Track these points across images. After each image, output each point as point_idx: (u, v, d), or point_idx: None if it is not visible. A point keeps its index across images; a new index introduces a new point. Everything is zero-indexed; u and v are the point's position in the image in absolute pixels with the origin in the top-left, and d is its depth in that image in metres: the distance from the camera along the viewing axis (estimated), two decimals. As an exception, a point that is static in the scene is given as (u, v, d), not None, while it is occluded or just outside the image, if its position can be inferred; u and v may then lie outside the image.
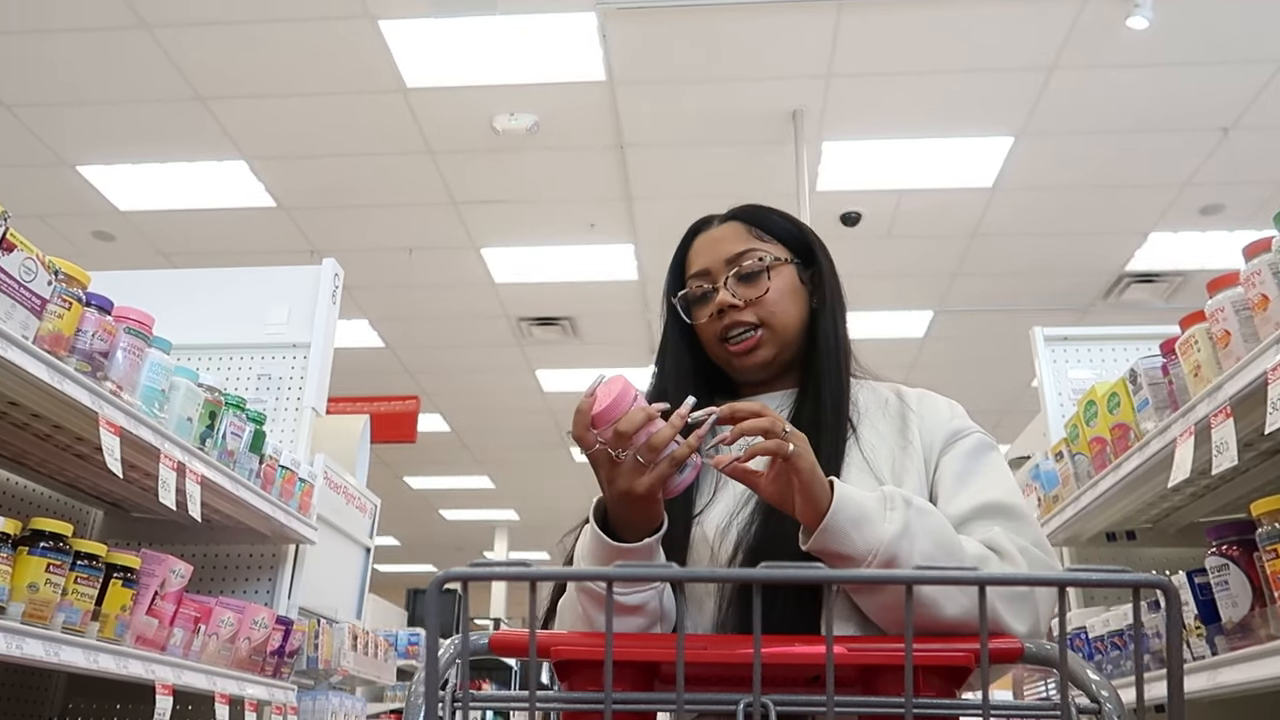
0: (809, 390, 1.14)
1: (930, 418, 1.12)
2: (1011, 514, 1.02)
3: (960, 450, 1.08)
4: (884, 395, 1.17)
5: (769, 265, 1.15)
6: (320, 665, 2.52)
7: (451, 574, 0.65)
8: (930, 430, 1.10)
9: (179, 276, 3.61)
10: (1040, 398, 2.56)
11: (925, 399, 1.16)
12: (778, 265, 1.16)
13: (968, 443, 1.09)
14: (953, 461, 1.07)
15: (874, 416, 1.13)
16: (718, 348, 1.16)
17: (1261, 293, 1.29)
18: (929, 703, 0.78)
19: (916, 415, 1.12)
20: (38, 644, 1.36)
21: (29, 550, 1.39)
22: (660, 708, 0.80)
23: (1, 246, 1.28)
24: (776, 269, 1.16)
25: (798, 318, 1.16)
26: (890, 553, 0.91)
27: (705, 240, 1.20)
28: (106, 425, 1.46)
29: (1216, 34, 4.15)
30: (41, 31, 4.25)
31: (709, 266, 1.17)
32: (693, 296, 1.17)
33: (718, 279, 1.16)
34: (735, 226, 1.20)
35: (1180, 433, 1.50)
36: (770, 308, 1.14)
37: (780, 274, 1.16)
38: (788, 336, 1.15)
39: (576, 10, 4.13)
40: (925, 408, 1.14)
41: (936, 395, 1.17)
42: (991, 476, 1.06)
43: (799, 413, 1.13)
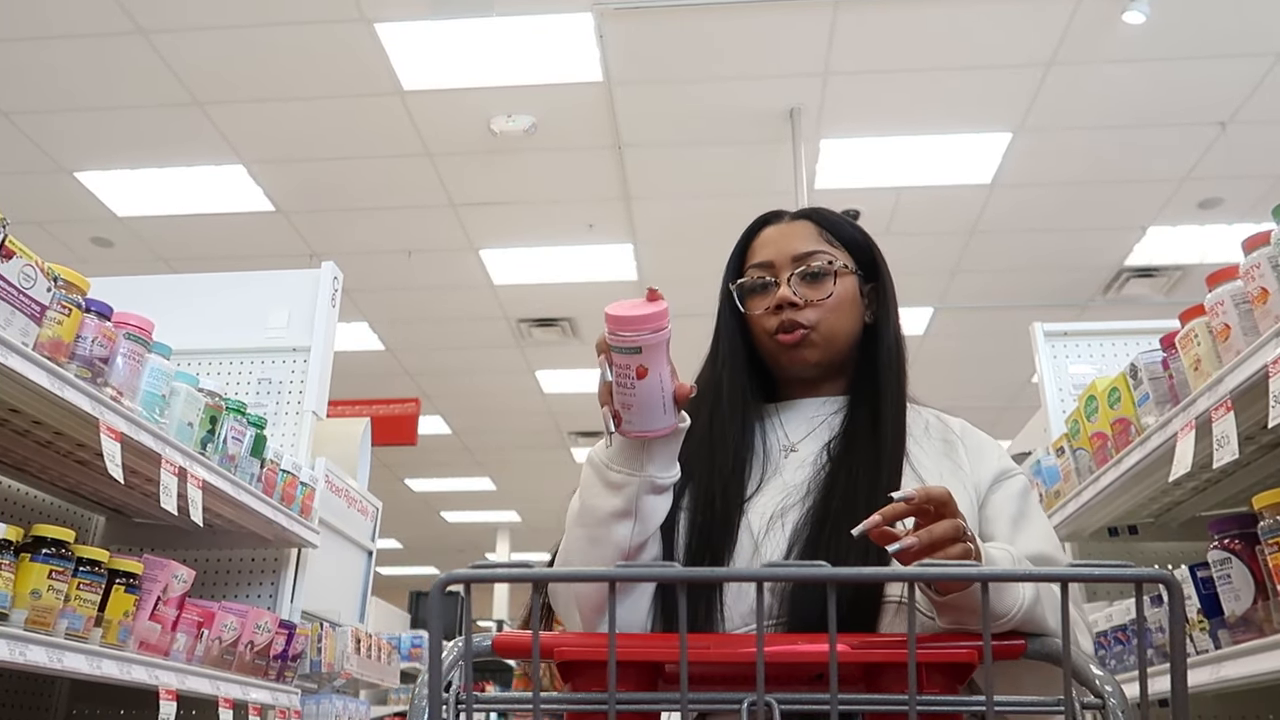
0: (864, 402, 1.13)
1: (977, 451, 1.13)
2: (1055, 561, 1.04)
3: (1011, 491, 1.09)
4: (924, 418, 1.17)
5: (836, 270, 1.14)
6: (323, 669, 2.52)
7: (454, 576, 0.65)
8: (979, 463, 1.11)
9: (178, 281, 3.61)
10: (1041, 393, 2.56)
11: (969, 431, 1.16)
12: (844, 273, 1.15)
13: (1016, 485, 1.10)
14: (1007, 503, 1.08)
15: (918, 436, 1.13)
16: (768, 340, 1.15)
17: (1261, 286, 1.29)
18: (933, 700, 0.78)
19: (963, 444, 1.13)
20: (41, 650, 1.36)
21: (31, 557, 1.39)
22: (664, 707, 0.80)
23: (0, 253, 1.28)
24: (842, 275, 1.15)
25: (851, 328, 1.15)
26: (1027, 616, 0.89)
27: (773, 233, 1.19)
28: (107, 431, 1.46)
29: (1213, 28, 4.14)
30: (38, 38, 4.25)
31: (774, 259, 1.16)
32: (750, 286, 1.16)
33: (780, 273, 1.15)
34: (807, 225, 1.18)
35: (1181, 427, 1.50)
36: (828, 313, 1.13)
37: (844, 281, 1.15)
38: (837, 344, 1.15)
39: (573, 11, 4.13)
40: (971, 440, 1.15)
41: (977, 429, 1.18)
42: (1040, 525, 1.08)
43: (852, 422, 1.12)
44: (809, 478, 1.08)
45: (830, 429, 1.13)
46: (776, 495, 1.08)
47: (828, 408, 1.16)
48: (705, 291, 1.28)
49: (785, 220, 1.20)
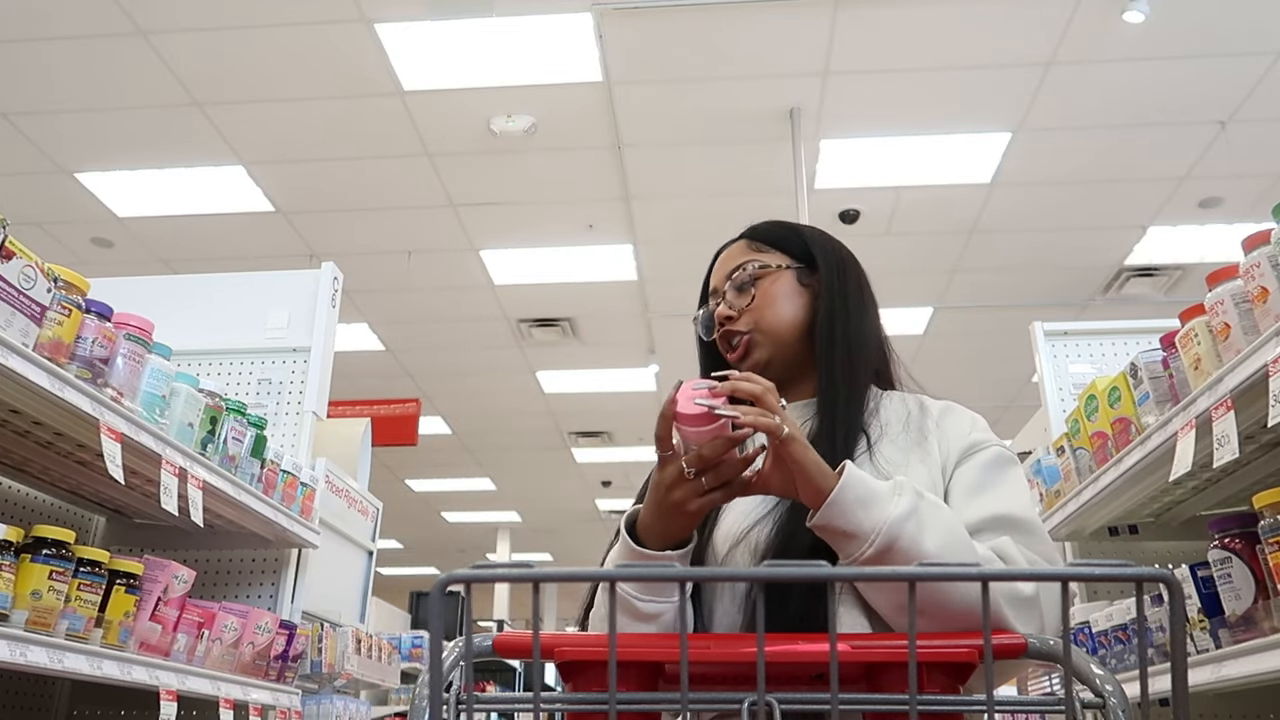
0: (826, 407, 1.12)
1: (951, 430, 1.11)
2: (1023, 528, 1.01)
3: (977, 462, 1.07)
4: (907, 408, 1.15)
5: (756, 274, 1.18)
6: (324, 669, 2.52)
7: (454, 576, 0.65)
8: (949, 442, 1.10)
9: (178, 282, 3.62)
10: (1041, 393, 2.56)
11: (949, 412, 1.15)
12: (769, 272, 1.18)
13: (986, 455, 1.08)
14: (968, 472, 1.07)
15: (895, 432, 1.11)
16: (727, 355, 1.19)
17: (1261, 285, 1.29)
18: (933, 699, 0.78)
19: (937, 429, 1.11)
20: (41, 651, 1.36)
21: (32, 558, 1.39)
22: (665, 707, 0.80)
23: (1, 254, 1.28)
24: (768, 276, 1.18)
25: (792, 320, 1.17)
26: (894, 533, 0.91)
27: (718, 261, 1.25)
28: (108, 432, 1.46)
29: (1213, 27, 4.14)
30: (38, 40, 4.25)
31: (716, 285, 1.22)
32: (705, 316, 1.23)
33: (720, 295, 1.21)
34: (740, 243, 1.24)
35: (1181, 426, 1.50)
36: (758, 313, 1.17)
37: (773, 279, 1.18)
38: (782, 339, 1.16)
39: (573, 11, 4.13)
40: (947, 421, 1.13)
41: (962, 409, 1.16)
42: (1007, 489, 1.05)
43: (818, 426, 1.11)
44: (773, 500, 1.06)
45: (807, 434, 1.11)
46: (741, 516, 1.08)
47: (804, 412, 1.15)
48: (705, 291, 1.30)
49: (728, 246, 1.26)
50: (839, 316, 1.16)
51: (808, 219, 4.76)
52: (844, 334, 1.15)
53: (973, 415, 1.15)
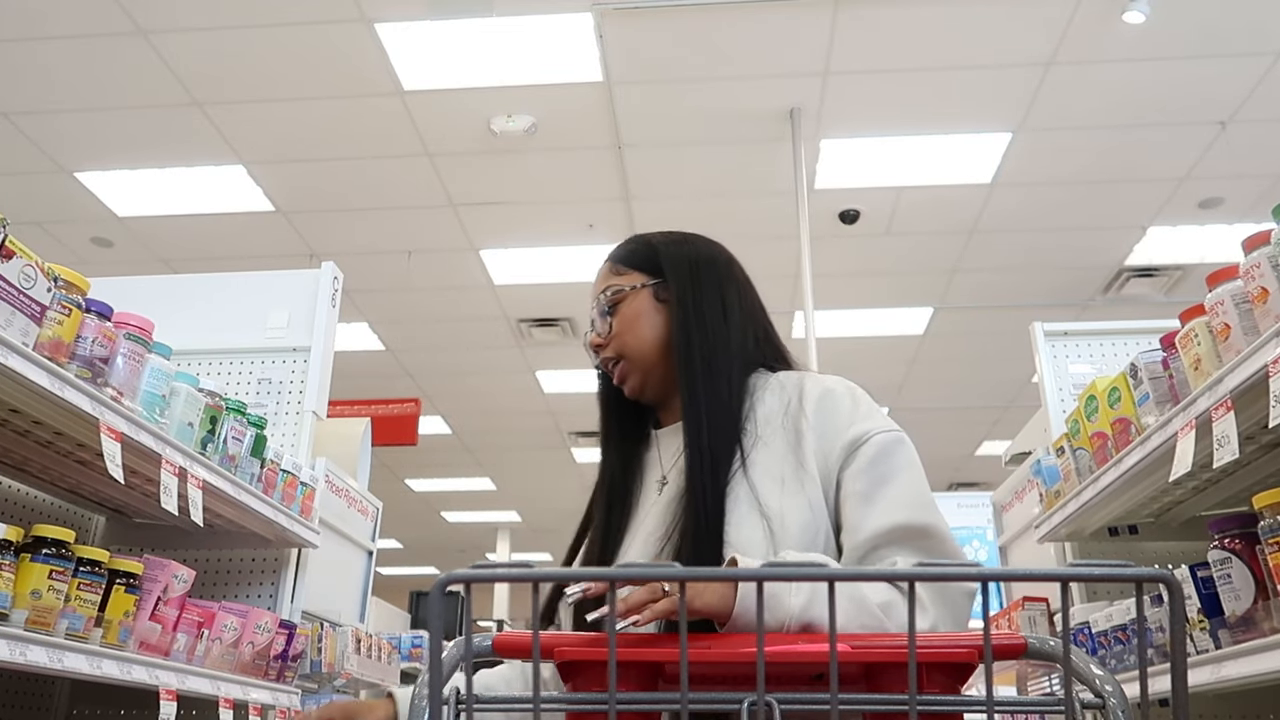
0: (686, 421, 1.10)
1: (827, 430, 1.05)
2: (919, 535, 0.99)
3: (861, 463, 1.03)
4: (789, 393, 1.11)
5: (613, 298, 1.18)
6: (324, 669, 2.52)
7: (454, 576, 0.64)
8: (827, 444, 1.05)
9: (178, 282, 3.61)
10: (1041, 393, 2.56)
11: (823, 401, 1.08)
12: (625, 295, 1.18)
13: (869, 450, 1.03)
14: (855, 479, 1.02)
15: (771, 434, 1.08)
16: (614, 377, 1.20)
17: (1261, 285, 1.29)
18: (933, 699, 0.77)
19: (813, 428, 1.06)
20: (41, 651, 1.36)
21: (31, 557, 1.39)
22: (664, 707, 0.80)
23: (1, 253, 1.28)
24: (624, 299, 1.18)
25: (654, 341, 1.16)
26: (805, 620, 0.91)
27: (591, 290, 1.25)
28: (108, 431, 1.46)
29: (1213, 27, 4.14)
30: (38, 39, 4.25)
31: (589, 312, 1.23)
32: (586, 344, 1.24)
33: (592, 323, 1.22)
34: (604, 267, 1.23)
35: (1181, 426, 1.50)
36: (621, 340, 1.17)
37: (629, 301, 1.18)
38: (648, 361, 1.16)
39: (573, 11, 4.13)
40: (821, 415, 1.07)
41: (837, 390, 1.10)
42: (896, 489, 1.01)
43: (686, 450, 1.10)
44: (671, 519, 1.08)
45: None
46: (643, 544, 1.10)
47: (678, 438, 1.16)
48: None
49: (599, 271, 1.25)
50: (695, 329, 1.13)
51: (808, 219, 4.76)
52: (701, 346, 1.12)
53: (851, 396, 1.09)
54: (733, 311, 1.16)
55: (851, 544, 1.00)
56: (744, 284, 1.20)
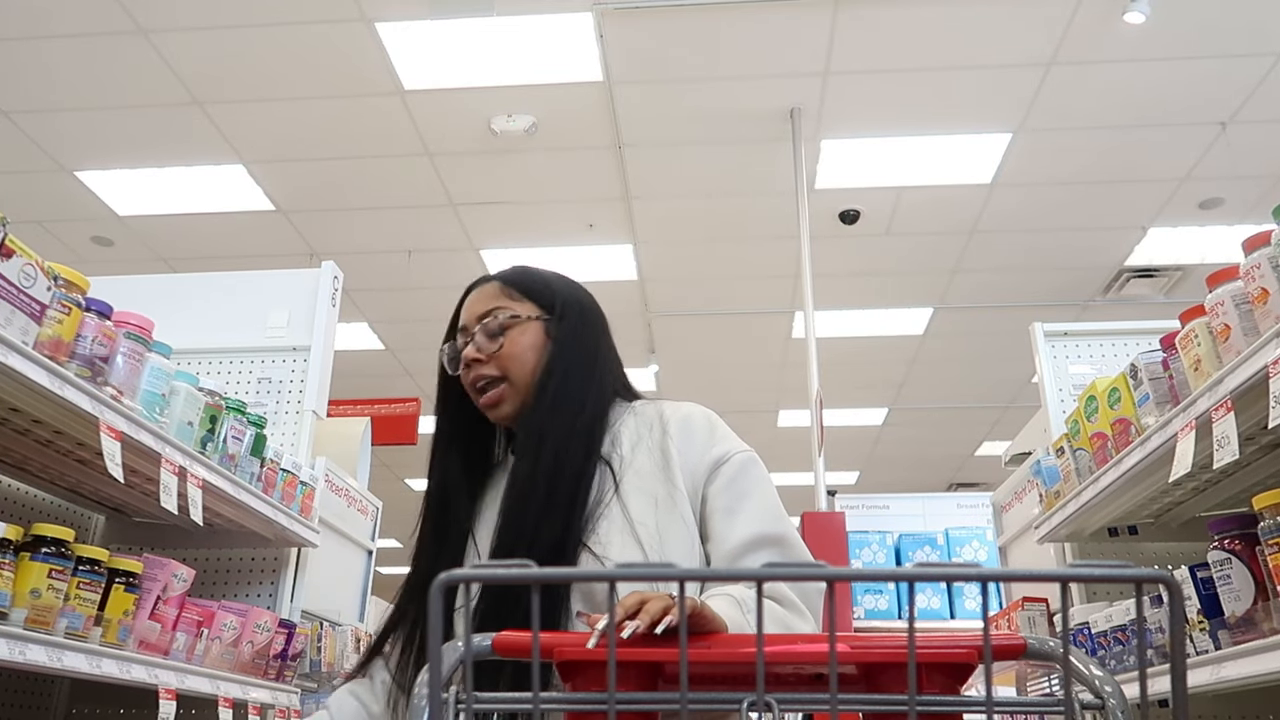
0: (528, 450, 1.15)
1: (692, 450, 1.15)
2: (779, 542, 1.10)
3: (723, 480, 1.13)
4: (649, 419, 1.20)
5: (506, 322, 1.21)
6: (323, 668, 2.51)
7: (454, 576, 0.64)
8: (693, 464, 1.14)
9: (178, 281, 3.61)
10: (1041, 393, 2.56)
11: (686, 425, 1.18)
12: (519, 322, 1.21)
13: (729, 469, 1.14)
14: (719, 496, 1.12)
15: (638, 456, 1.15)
16: (474, 397, 1.22)
17: (1261, 286, 1.29)
18: (932, 699, 0.77)
19: (678, 450, 1.15)
20: (40, 650, 1.36)
21: (31, 556, 1.39)
22: (664, 707, 0.79)
23: (1, 252, 1.27)
24: (518, 325, 1.21)
25: (537, 370, 1.20)
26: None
27: (470, 298, 1.26)
28: (107, 430, 1.46)
29: (1214, 28, 4.14)
30: (39, 38, 4.25)
31: (466, 323, 1.24)
32: (449, 354, 1.24)
33: (469, 334, 1.22)
34: (493, 286, 1.25)
35: (1181, 427, 1.50)
36: (505, 361, 1.19)
37: (523, 330, 1.21)
38: (530, 389, 1.19)
39: (573, 11, 4.13)
40: (685, 438, 1.16)
41: (695, 415, 1.20)
42: (755, 502, 1.12)
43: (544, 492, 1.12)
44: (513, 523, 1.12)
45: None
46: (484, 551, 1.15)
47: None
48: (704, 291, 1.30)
49: (480, 285, 1.28)
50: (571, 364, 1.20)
51: (808, 219, 4.76)
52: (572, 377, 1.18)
53: (708, 420, 1.19)
54: (605, 354, 1.25)
55: (720, 553, 1.10)
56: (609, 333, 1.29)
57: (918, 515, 4.89)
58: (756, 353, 7.20)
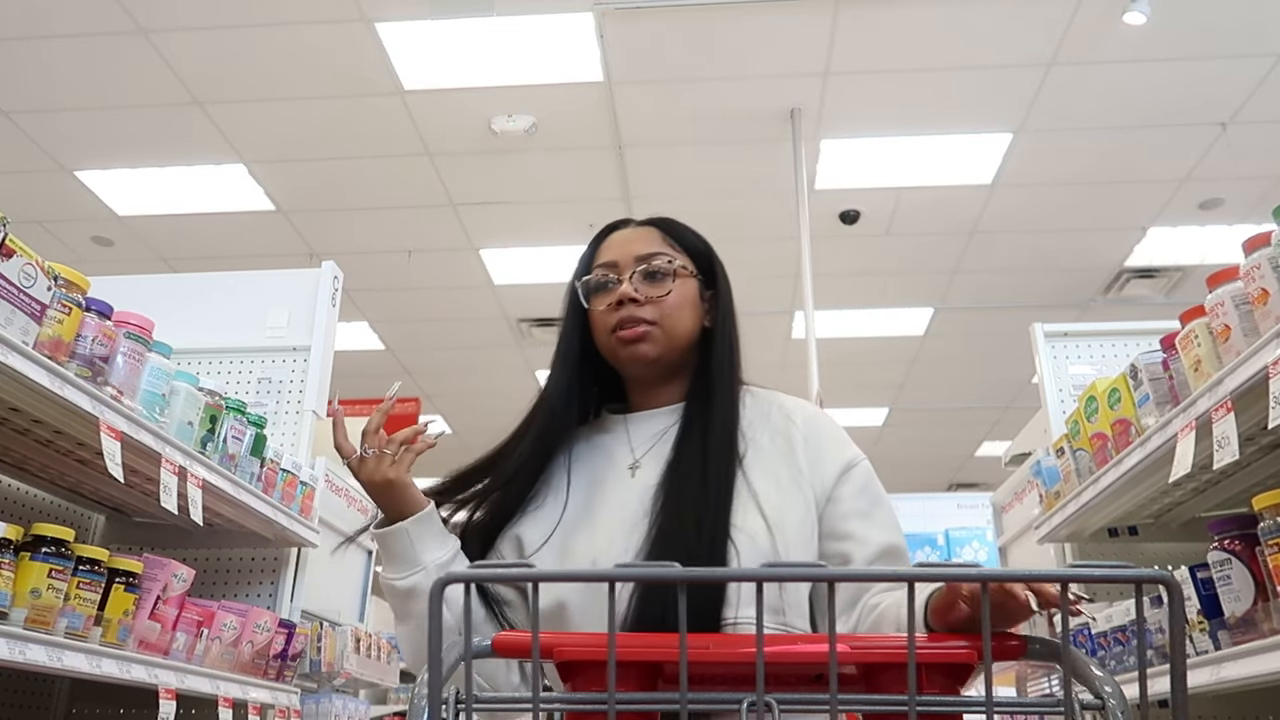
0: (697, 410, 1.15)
1: (821, 445, 1.15)
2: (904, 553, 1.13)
3: (857, 484, 1.14)
4: (766, 407, 1.19)
5: (675, 270, 1.18)
6: (323, 668, 2.52)
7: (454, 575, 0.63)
8: (821, 459, 1.14)
9: (179, 281, 3.62)
10: (1041, 394, 2.56)
11: (816, 422, 1.18)
12: (683, 274, 1.19)
13: (861, 474, 1.15)
14: (855, 499, 1.13)
15: (759, 435, 1.15)
16: (607, 338, 1.17)
17: (1261, 287, 1.29)
18: (932, 700, 0.77)
19: (804, 439, 1.15)
20: (40, 649, 1.36)
21: (31, 556, 1.39)
22: (664, 707, 0.79)
23: (1, 252, 1.28)
24: (681, 276, 1.19)
25: (690, 329, 1.19)
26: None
27: (619, 237, 1.23)
28: (107, 430, 1.46)
29: (1214, 28, 4.14)
30: (39, 38, 4.25)
31: (618, 259, 1.19)
32: (594, 283, 1.19)
33: (623, 272, 1.18)
34: (651, 231, 1.23)
35: (1181, 428, 1.50)
36: (668, 309, 1.16)
37: (684, 283, 1.19)
38: (676, 343, 1.17)
39: (574, 11, 4.13)
40: (813, 431, 1.17)
41: (822, 414, 1.21)
42: (886, 510, 1.15)
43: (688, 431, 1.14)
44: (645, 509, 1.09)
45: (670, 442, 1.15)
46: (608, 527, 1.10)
47: (669, 417, 1.18)
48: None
49: (632, 226, 1.25)
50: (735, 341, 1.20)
51: (808, 219, 4.76)
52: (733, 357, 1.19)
53: (833, 422, 1.20)
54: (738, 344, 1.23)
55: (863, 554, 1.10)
56: None
57: (918, 515, 4.89)
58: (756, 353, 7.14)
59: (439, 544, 1.13)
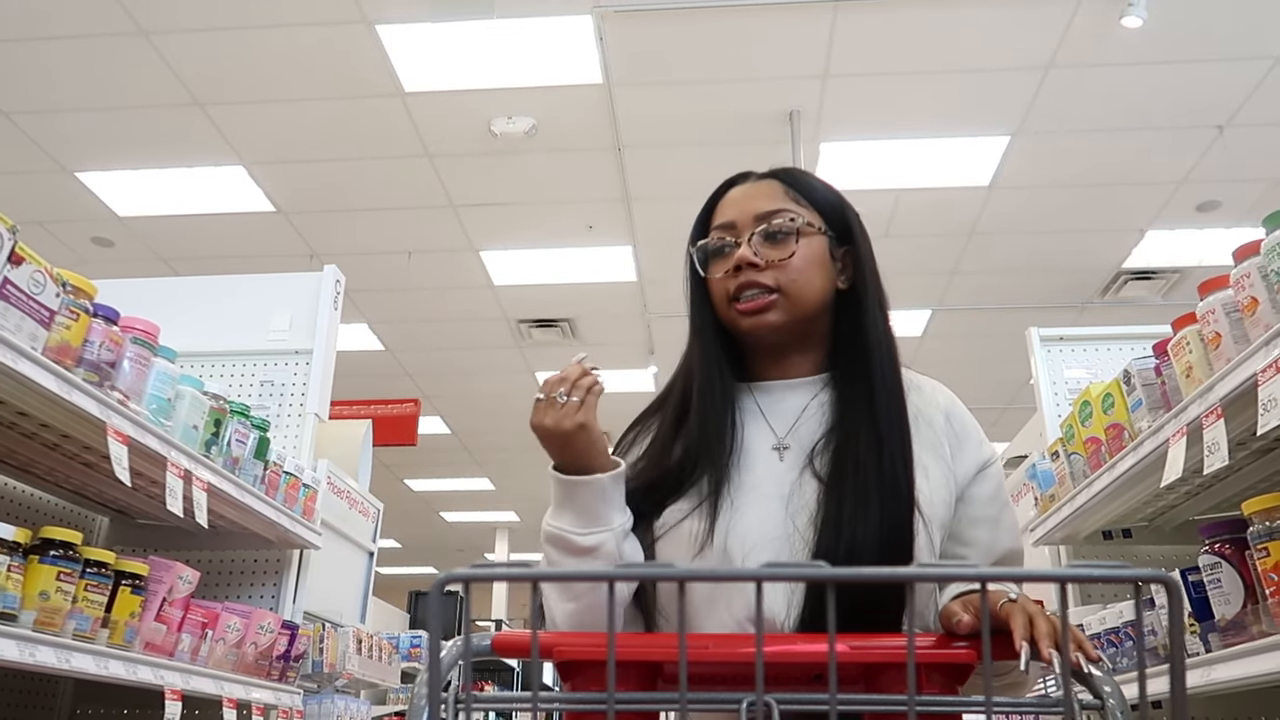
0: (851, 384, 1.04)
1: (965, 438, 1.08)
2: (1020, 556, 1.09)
3: (991, 485, 1.07)
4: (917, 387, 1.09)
5: (799, 229, 1.06)
6: (325, 669, 2.53)
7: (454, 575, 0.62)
8: (961, 453, 1.06)
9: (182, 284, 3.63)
10: (1036, 397, 2.58)
11: (954, 413, 1.09)
12: (810, 232, 1.07)
13: (996, 475, 1.08)
14: (988, 503, 1.06)
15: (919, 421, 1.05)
16: (726, 307, 1.07)
17: (1251, 295, 1.31)
18: (932, 700, 0.78)
19: (948, 429, 1.07)
20: (49, 651, 1.38)
21: (40, 559, 1.41)
22: (663, 707, 0.79)
23: (10, 260, 1.29)
24: (807, 235, 1.06)
25: (820, 292, 1.07)
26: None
27: (738, 194, 1.12)
28: (114, 434, 1.48)
29: (1211, 32, 4.16)
30: (40, 39, 4.27)
31: (735, 220, 1.09)
32: (711, 248, 1.09)
33: (742, 234, 1.07)
34: (772, 184, 1.11)
35: (1173, 433, 1.52)
36: (793, 273, 1.05)
37: (810, 241, 1.06)
38: (804, 308, 1.06)
39: (573, 13, 4.14)
40: (959, 421, 1.09)
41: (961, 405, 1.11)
42: (1010, 515, 1.09)
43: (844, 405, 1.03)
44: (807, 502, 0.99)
45: (821, 420, 1.04)
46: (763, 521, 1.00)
47: (808, 391, 1.07)
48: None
49: (751, 180, 1.14)
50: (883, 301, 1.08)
51: (807, 221, 4.77)
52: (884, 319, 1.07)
53: (971, 417, 1.11)
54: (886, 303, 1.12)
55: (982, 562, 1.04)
56: None
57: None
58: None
59: (623, 508, 1.00)
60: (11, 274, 1.29)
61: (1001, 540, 1.06)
